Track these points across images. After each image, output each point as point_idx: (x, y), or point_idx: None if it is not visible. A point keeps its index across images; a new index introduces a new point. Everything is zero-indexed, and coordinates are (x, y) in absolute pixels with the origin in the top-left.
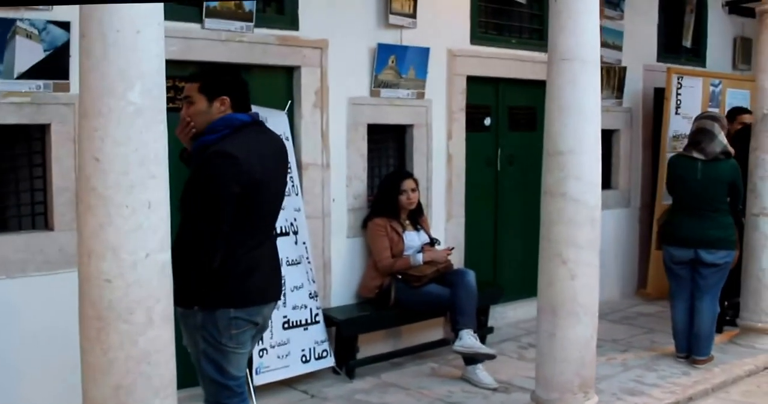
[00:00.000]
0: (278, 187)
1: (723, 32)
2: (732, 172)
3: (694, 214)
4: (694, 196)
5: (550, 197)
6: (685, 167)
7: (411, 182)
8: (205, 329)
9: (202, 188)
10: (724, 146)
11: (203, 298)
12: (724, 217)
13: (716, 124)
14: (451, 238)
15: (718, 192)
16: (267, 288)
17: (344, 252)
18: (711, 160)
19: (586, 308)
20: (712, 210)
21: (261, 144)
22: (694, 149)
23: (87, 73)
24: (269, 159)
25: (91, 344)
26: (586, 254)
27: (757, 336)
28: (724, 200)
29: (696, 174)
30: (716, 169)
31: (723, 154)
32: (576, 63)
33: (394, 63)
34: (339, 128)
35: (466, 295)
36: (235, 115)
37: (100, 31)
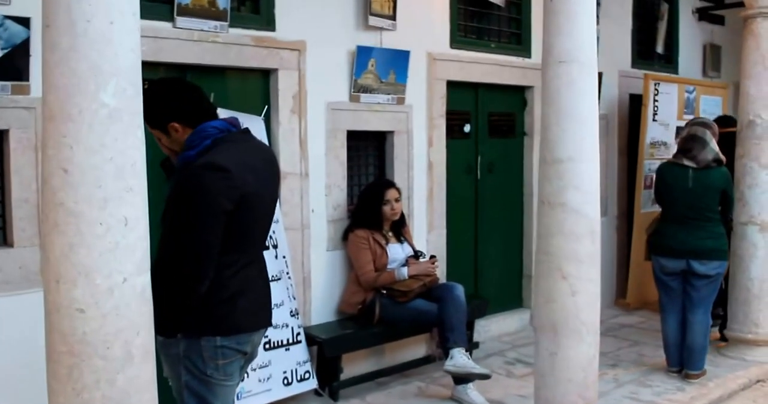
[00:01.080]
0: (270, 202)
1: (693, 39)
2: (724, 180)
3: (686, 224)
4: (685, 205)
5: (549, 208)
6: (676, 175)
7: (394, 192)
8: (189, 359)
9: (188, 203)
10: (716, 154)
11: (186, 325)
12: (716, 227)
13: (708, 131)
14: (433, 250)
15: (710, 200)
16: (257, 313)
17: (324, 267)
18: (703, 167)
19: (588, 326)
20: (705, 220)
21: (250, 154)
22: (685, 157)
23: (52, 68)
24: (261, 171)
25: (61, 384)
26: (586, 269)
27: (746, 348)
28: (716, 209)
29: (687, 182)
30: (708, 177)
31: (715, 162)
32: (574, 65)
33: (373, 66)
34: (318, 135)
35: (456, 311)
36: (206, 124)
37: (68, 20)
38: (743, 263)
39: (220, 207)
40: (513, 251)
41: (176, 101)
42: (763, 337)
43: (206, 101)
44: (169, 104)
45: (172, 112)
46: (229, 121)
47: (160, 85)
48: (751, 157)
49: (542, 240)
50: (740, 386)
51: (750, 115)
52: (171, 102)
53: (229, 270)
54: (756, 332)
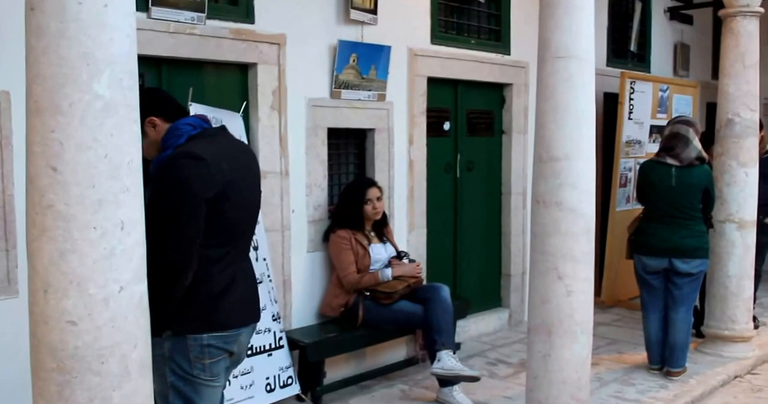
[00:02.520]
0: (253, 197)
1: (665, 38)
2: (706, 178)
3: (668, 222)
4: (668, 204)
5: (544, 207)
6: (659, 174)
7: (376, 190)
8: (173, 359)
9: (167, 193)
10: (699, 151)
11: (173, 323)
12: (698, 225)
13: (691, 129)
14: (414, 250)
15: (692, 199)
16: (245, 308)
17: (305, 269)
18: (685, 166)
19: (582, 326)
20: (687, 218)
21: (227, 147)
22: (668, 155)
23: (39, 56)
24: (238, 162)
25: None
26: (582, 268)
27: (723, 345)
28: (699, 207)
29: (670, 180)
30: (691, 175)
31: (698, 160)
32: (572, 61)
33: (355, 62)
34: (298, 132)
35: (443, 312)
36: (179, 122)
37: (57, 2)
38: (721, 261)
39: (198, 196)
40: (492, 250)
41: (151, 92)
42: (740, 333)
43: (172, 101)
44: (145, 96)
45: (150, 103)
46: (201, 117)
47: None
48: (730, 155)
49: (537, 240)
50: (720, 382)
51: (729, 114)
52: (150, 94)
53: (218, 265)
54: (732, 328)
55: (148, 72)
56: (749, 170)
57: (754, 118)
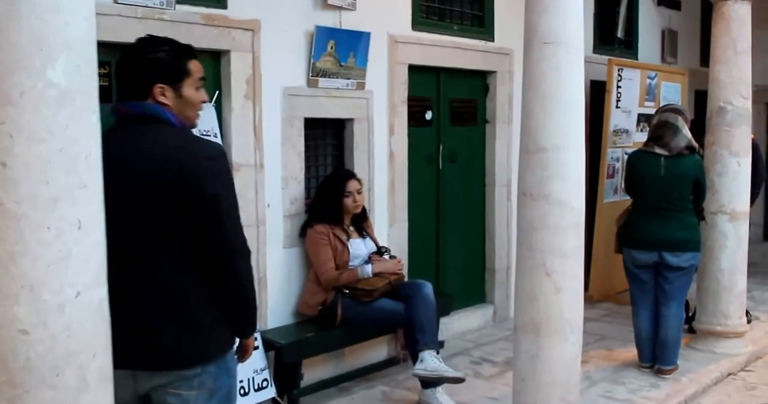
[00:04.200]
0: (135, 205)
1: (652, 24)
2: (697, 168)
3: (658, 214)
4: (657, 195)
5: (531, 200)
6: (647, 164)
7: (356, 183)
8: (222, 389)
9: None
10: (688, 140)
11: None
12: (689, 217)
13: (680, 117)
14: (395, 244)
15: (683, 190)
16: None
17: (281, 265)
18: (675, 155)
19: (572, 325)
20: (677, 210)
21: (123, 144)
22: (656, 144)
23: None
24: (121, 163)
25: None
26: (571, 264)
27: (716, 341)
28: (689, 199)
29: (659, 171)
30: (680, 165)
31: (687, 149)
32: (560, 47)
33: (333, 49)
34: (273, 123)
35: (426, 311)
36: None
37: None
38: (713, 254)
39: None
40: (476, 244)
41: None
42: (733, 329)
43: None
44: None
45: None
46: (117, 108)
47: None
48: (722, 144)
49: (524, 235)
50: (713, 380)
51: (720, 102)
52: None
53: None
54: (725, 324)
55: (116, 60)
56: (741, 160)
57: (747, 106)
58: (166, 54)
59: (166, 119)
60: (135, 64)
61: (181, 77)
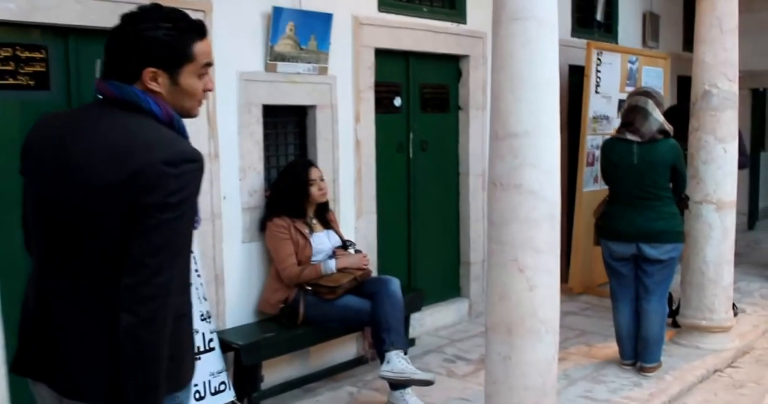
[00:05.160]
0: (71, 194)
1: (633, 7)
2: (672, 154)
3: (634, 204)
4: (632, 184)
5: (501, 190)
6: (620, 151)
7: (317, 170)
8: None
9: None
10: (660, 124)
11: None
12: (667, 206)
13: (650, 101)
14: (362, 238)
15: (658, 177)
16: (26, 358)
17: (239, 261)
18: (647, 141)
19: (547, 324)
20: (653, 199)
21: (74, 124)
22: (628, 130)
23: None
24: (70, 149)
25: None
26: (545, 259)
27: (700, 335)
28: (666, 186)
29: (632, 158)
30: (654, 151)
31: (661, 134)
32: (531, 22)
33: (292, 31)
34: (228, 110)
35: (392, 308)
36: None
37: None
38: (698, 245)
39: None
40: (449, 236)
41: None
42: (718, 324)
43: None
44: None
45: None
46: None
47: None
48: (707, 130)
49: (494, 229)
50: (698, 378)
51: (705, 85)
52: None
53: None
54: (710, 318)
55: (53, 44)
56: (728, 146)
57: (733, 89)
58: (167, 32)
59: (148, 110)
60: (127, 40)
61: (180, 62)
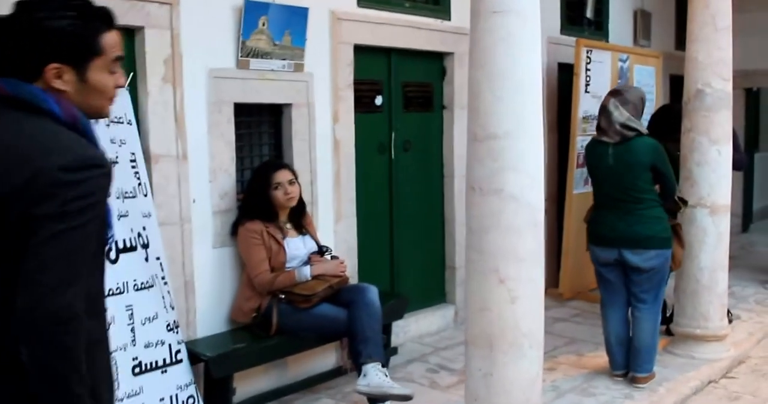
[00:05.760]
0: None
1: (624, 4)
2: (650, 153)
3: (615, 208)
4: (611, 186)
5: (480, 196)
6: (598, 153)
7: (286, 173)
8: None
9: None
10: (623, 121)
11: None
12: (649, 210)
13: (612, 99)
14: (342, 243)
15: (636, 179)
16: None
17: (210, 267)
18: (621, 141)
19: (531, 338)
20: (633, 202)
21: None
22: (599, 132)
23: None
24: None
25: None
26: (528, 269)
27: (695, 344)
28: (648, 188)
29: (608, 160)
30: (629, 151)
31: (630, 131)
32: (511, 17)
33: (265, 26)
34: (197, 108)
35: (369, 318)
36: None
37: None
38: (692, 251)
39: None
40: (434, 240)
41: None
42: (713, 332)
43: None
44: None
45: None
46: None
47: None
48: (700, 131)
49: (473, 236)
50: (693, 389)
51: (698, 84)
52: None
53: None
54: (705, 327)
55: None
56: (722, 148)
57: (727, 89)
58: (71, 22)
59: (48, 110)
60: (24, 32)
61: (87, 56)
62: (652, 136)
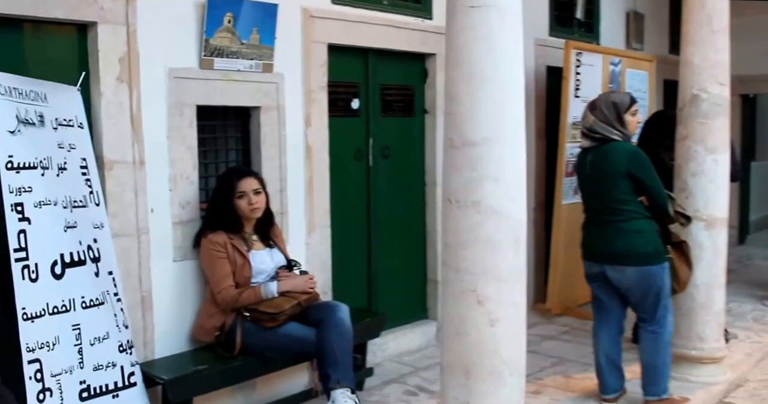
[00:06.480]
0: None
1: (616, 6)
2: (623, 159)
3: (597, 220)
4: (590, 197)
5: (458, 208)
6: (579, 162)
7: (252, 181)
8: None
9: None
10: (590, 125)
11: None
12: (628, 223)
13: (590, 103)
14: (315, 255)
15: (612, 188)
16: None
17: (170, 282)
18: (597, 145)
19: (512, 365)
20: (612, 214)
21: None
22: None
23: None
24: None
25: None
26: (509, 288)
27: (690, 367)
28: (626, 199)
29: (585, 167)
30: (603, 158)
31: (595, 134)
32: (492, 12)
33: (231, 23)
34: (156, 111)
35: (339, 338)
36: None
37: None
38: None
39: None
40: (414, 252)
41: None
42: (710, 354)
43: None
44: None
45: None
46: None
47: None
48: (696, 139)
49: (450, 252)
50: None
51: (694, 89)
52: None
53: None
54: (701, 348)
55: None
56: (719, 157)
57: (724, 94)
58: None
59: None
60: None
61: None
62: (645, 143)
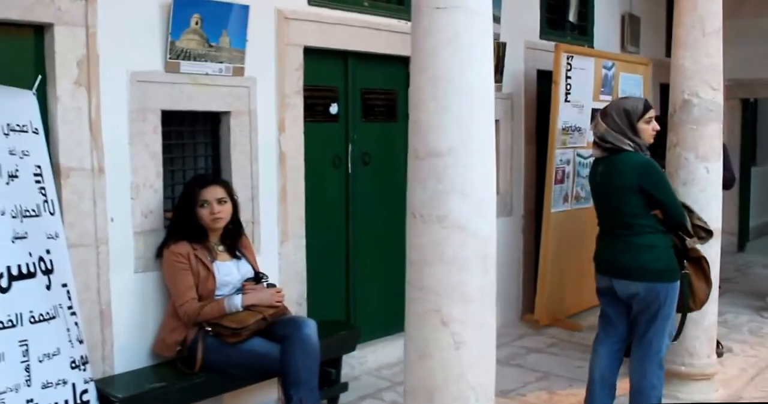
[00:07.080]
0: None
1: (610, 8)
2: (634, 173)
3: (607, 233)
4: (601, 208)
5: (422, 223)
6: (592, 171)
7: (217, 190)
8: None
9: None
10: (600, 134)
11: None
12: (640, 237)
13: (599, 113)
14: (288, 266)
15: (621, 202)
16: None
17: (131, 294)
18: (607, 155)
19: (479, 392)
20: (622, 227)
21: None
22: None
23: None
24: None
25: None
26: (476, 310)
27: (680, 383)
28: (638, 213)
29: (596, 177)
30: (613, 169)
31: (606, 143)
32: (459, 13)
33: (198, 25)
34: (117, 116)
35: (304, 356)
36: None
37: None
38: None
39: None
40: (395, 262)
41: None
42: (700, 370)
43: None
44: None
45: None
46: None
47: None
48: (687, 146)
49: (414, 270)
50: None
51: (685, 94)
52: None
53: None
54: (690, 364)
55: None
56: (711, 165)
57: (717, 100)
58: None
59: None
60: None
61: None
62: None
